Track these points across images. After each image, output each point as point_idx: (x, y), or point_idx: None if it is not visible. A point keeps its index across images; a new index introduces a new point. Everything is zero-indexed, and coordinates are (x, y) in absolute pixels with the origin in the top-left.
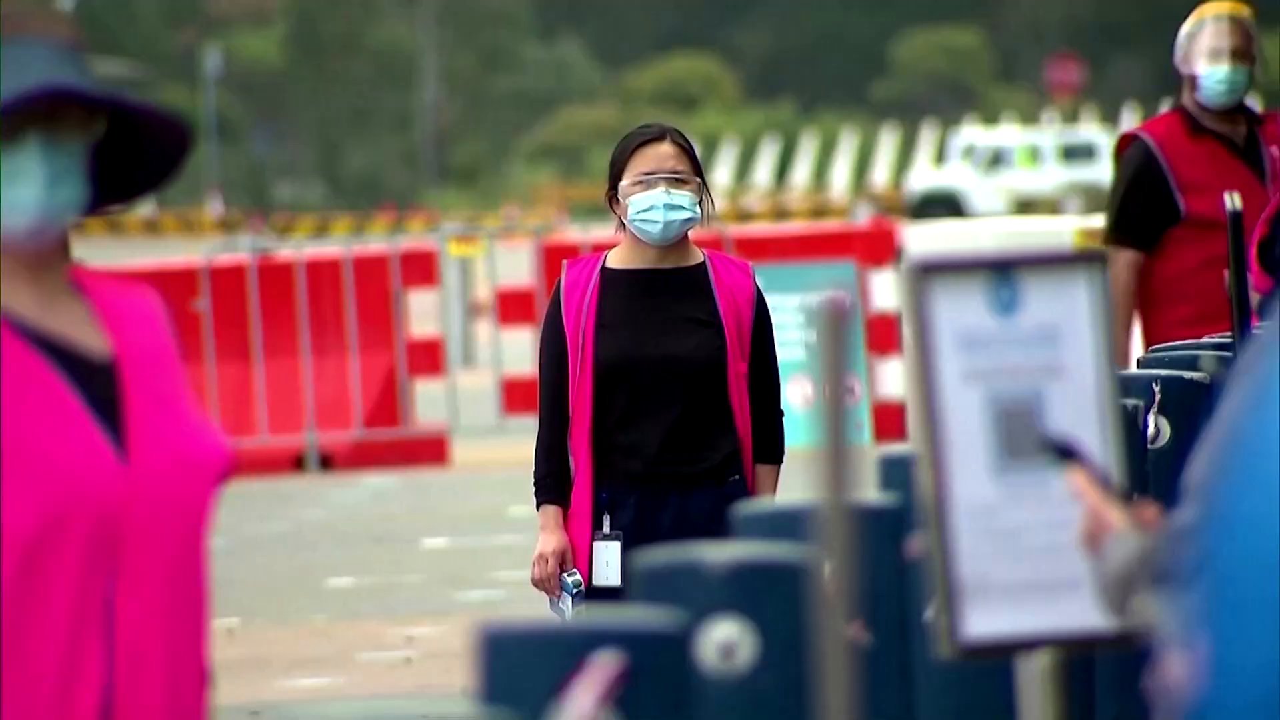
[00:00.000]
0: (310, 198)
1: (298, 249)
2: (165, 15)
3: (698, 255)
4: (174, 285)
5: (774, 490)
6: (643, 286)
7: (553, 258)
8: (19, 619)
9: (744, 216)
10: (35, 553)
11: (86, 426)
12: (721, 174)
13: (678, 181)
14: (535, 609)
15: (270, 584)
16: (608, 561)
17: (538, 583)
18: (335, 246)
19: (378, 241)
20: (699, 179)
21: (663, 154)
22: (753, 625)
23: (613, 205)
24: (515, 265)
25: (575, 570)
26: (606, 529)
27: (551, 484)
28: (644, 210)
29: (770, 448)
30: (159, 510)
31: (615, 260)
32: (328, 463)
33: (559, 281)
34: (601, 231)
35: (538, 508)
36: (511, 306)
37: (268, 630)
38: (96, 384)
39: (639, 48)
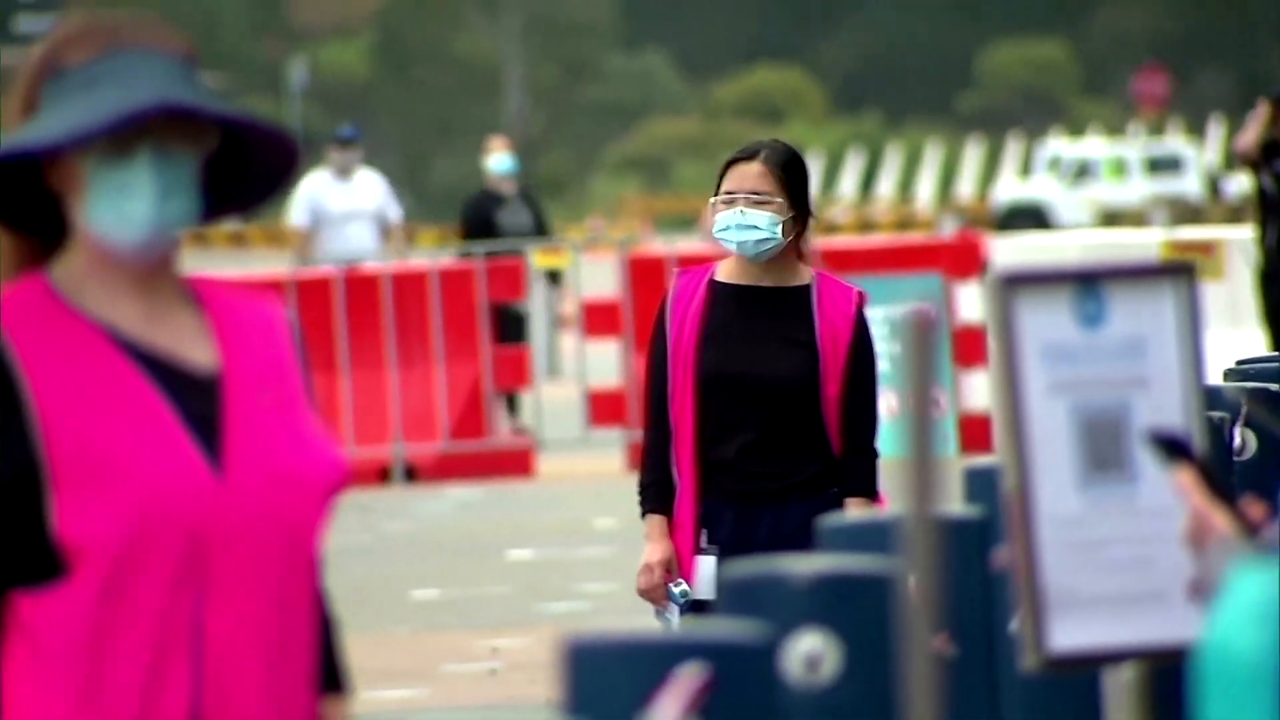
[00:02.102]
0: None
1: (385, 259)
2: (251, 26)
3: (805, 275)
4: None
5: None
6: (744, 302)
7: (638, 270)
8: (104, 634)
9: (829, 228)
10: (122, 568)
11: (180, 441)
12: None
13: (757, 202)
14: (621, 621)
15: (356, 595)
16: (704, 575)
17: (644, 592)
18: (421, 258)
19: (463, 253)
20: (787, 200)
21: (748, 173)
22: (838, 637)
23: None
24: (600, 277)
25: (682, 580)
26: (704, 542)
27: (653, 493)
28: (721, 229)
29: (860, 482)
30: (255, 527)
31: (723, 273)
32: (413, 474)
33: (667, 290)
34: (686, 243)
35: (642, 516)
36: (596, 318)
37: (353, 642)
38: (197, 398)
39: (724, 59)
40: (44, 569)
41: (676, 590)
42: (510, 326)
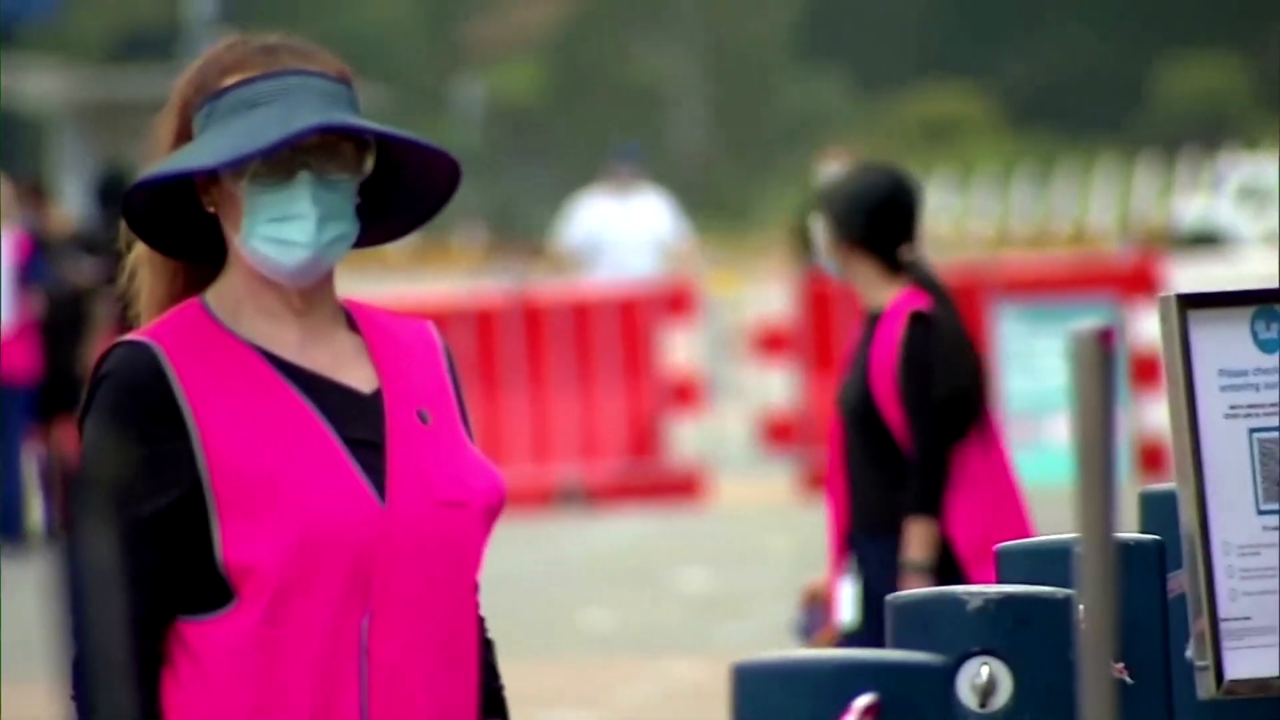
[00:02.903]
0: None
1: (555, 281)
2: (424, 46)
3: (884, 299)
4: (432, 320)
5: (912, 547)
6: (864, 328)
7: (812, 292)
8: (272, 659)
9: (1003, 242)
10: (288, 593)
11: (344, 465)
12: (981, 203)
13: None
14: (793, 646)
15: (527, 619)
16: (845, 601)
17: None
18: (594, 280)
19: (635, 274)
20: (835, 228)
21: None
22: (1012, 663)
23: None
24: (773, 300)
25: (801, 609)
26: (848, 568)
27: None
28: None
29: (909, 500)
30: (419, 550)
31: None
32: (585, 498)
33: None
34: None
35: None
36: (769, 341)
37: (524, 666)
38: (358, 421)
39: (898, 76)
40: (209, 595)
41: (803, 617)
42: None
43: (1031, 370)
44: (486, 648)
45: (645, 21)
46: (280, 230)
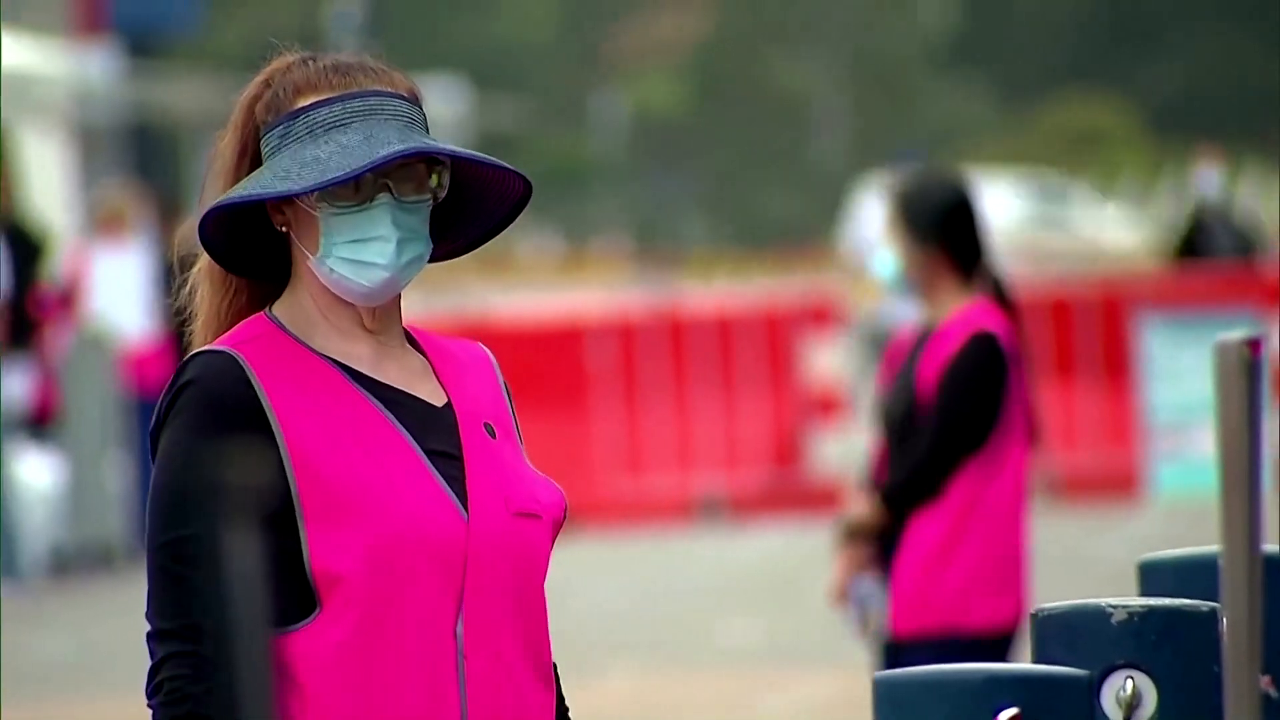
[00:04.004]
0: (711, 240)
1: (698, 293)
2: (567, 57)
3: (945, 309)
4: (575, 330)
5: (872, 521)
6: (917, 338)
7: None
8: (367, 669)
9: (1147, 253)
10: (377, 603)
11: (427, 476)
12: (1124, 212)
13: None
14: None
15: (669, 631)
16: (877, 609)
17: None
18: (738, 291)
19: (779, 286)
20: (910, 234)
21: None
22: (1157, 677)
23: None
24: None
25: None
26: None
27: None
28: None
29: (889, 482)
30: (500, 560)
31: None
32: (728, 510)
33: None
34: None
35: None
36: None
37: (665, 678)
38: (435, 434)
39: (1042, 85)
40: (298, 606)
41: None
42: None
43: (1176, 382)
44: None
45: (787, 32)
46: (360, 252)
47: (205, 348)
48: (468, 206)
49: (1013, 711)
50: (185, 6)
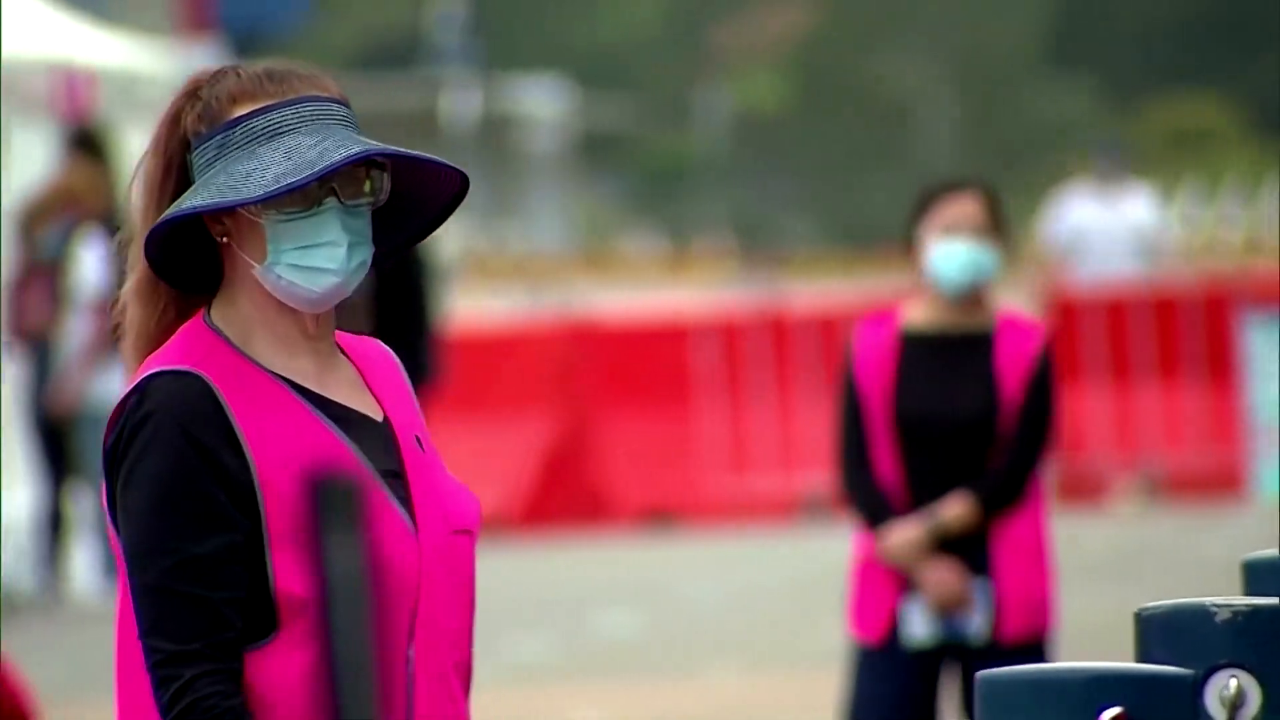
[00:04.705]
0: (814, 239)
1: (802, 291)
2: (670, 55)
3: (990, 313)
4: (679, 329)
5: (968, 523)
6: (938, 346)
7: (1056, 301)
8: None
9: (1252, 252)
10: None
11: (385, 502)
12: (1229, 212)
13: (980, 236)
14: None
15: (772, 631)
16: (915, 618)
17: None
18: (841, 289)
19: (882, 284)
20: (997, 235)
21: (968, 206)
22: (1260, 676)
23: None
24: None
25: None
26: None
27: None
28: (945, 262)
29: (984, 485)
30: (444, 578)
31: (913, 317)
32: (831, 509)
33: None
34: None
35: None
36: None
37: (769, 678)
38: (381, 451)
39: (1146, 85)
40: (260, 625)
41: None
42: None
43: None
44: None
45: (891, 30)
46: (308, 258)
47: (162, 369)
48: (399, 206)
49: (1116, 711)
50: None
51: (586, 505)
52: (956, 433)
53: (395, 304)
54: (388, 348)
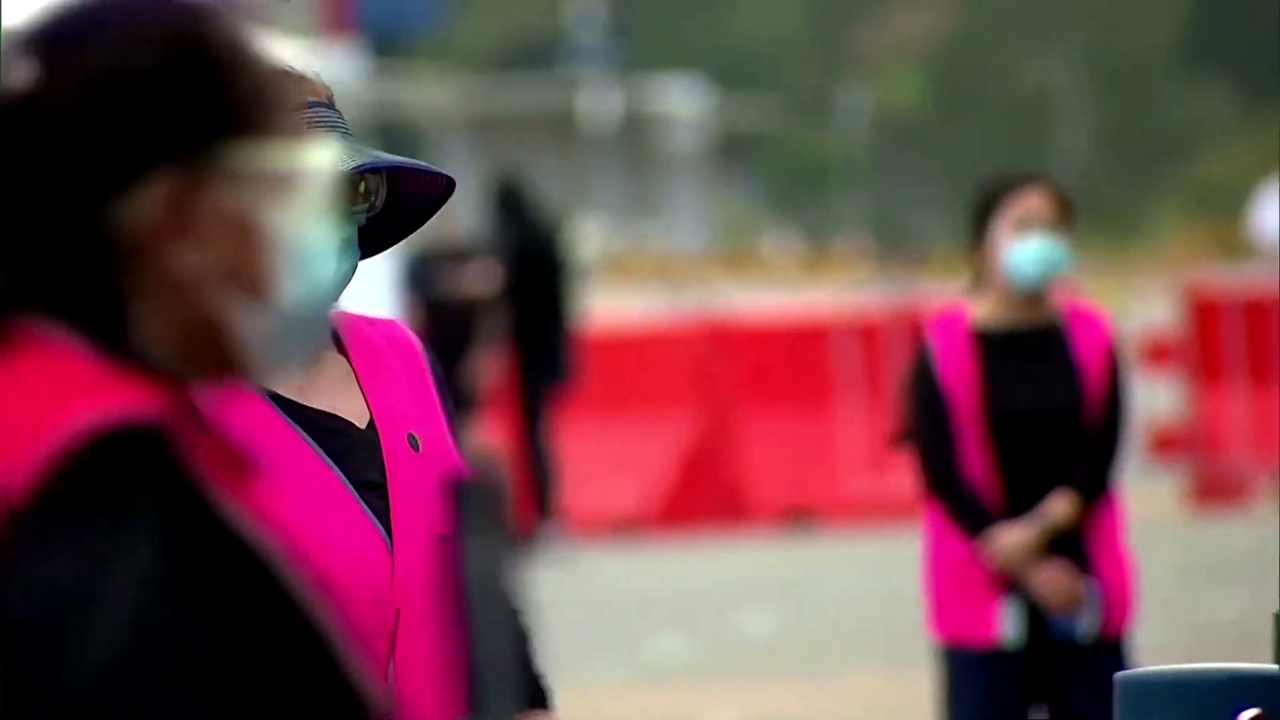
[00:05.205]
0: (953, 239)
1: (940, 291)
2: (810, 55)
3: (1050, 305)
4: (818, 329)
5: (1073, 519)
6: (1013, 344)
7: (1195, 301)
8: None
9: None
10: None
11: (356, 512)
12: None
13: (1055, 230)
14: (1177, 661)
15: (910, 631)
16: (1008, 619)
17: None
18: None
19: None
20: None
21: (1040, 200)
22: None
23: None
24: (1158, 310)
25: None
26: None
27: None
28: (1023, 258)
29: (1083, 479)
30: (426, 596)
31: (983, 315)
32: None
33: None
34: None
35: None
36: (1155, 352)
37: (909, 678)
38: (360, 460)
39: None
40: None
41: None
42: None
43: None
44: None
45: (1029, 31)
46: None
47: None
48: (385, 207)
49: (1255, 712)
50: (430, 6)
51: (725, 505)
52: (1049, 427)
53: (531, 304)
54: (409, 332)
